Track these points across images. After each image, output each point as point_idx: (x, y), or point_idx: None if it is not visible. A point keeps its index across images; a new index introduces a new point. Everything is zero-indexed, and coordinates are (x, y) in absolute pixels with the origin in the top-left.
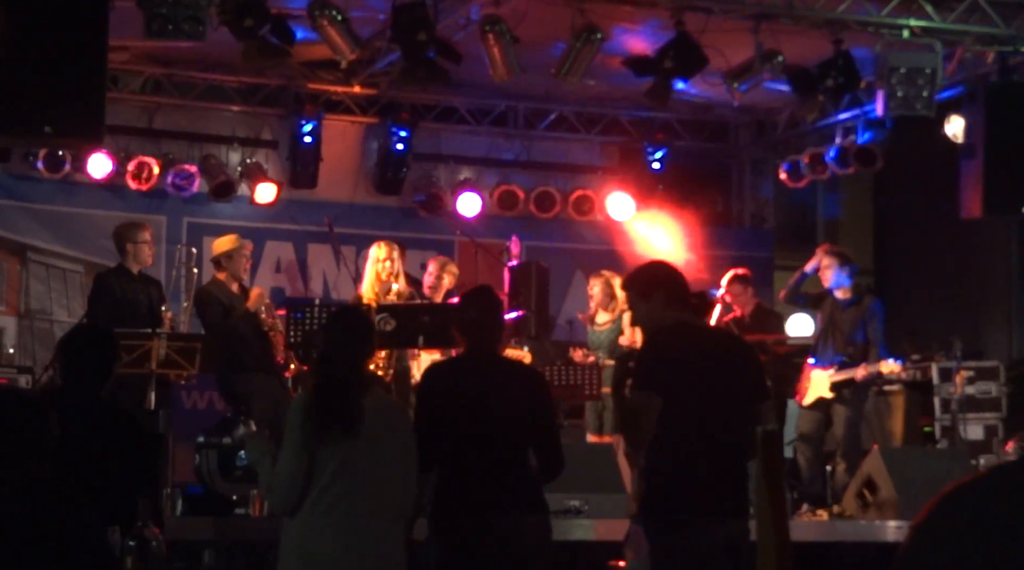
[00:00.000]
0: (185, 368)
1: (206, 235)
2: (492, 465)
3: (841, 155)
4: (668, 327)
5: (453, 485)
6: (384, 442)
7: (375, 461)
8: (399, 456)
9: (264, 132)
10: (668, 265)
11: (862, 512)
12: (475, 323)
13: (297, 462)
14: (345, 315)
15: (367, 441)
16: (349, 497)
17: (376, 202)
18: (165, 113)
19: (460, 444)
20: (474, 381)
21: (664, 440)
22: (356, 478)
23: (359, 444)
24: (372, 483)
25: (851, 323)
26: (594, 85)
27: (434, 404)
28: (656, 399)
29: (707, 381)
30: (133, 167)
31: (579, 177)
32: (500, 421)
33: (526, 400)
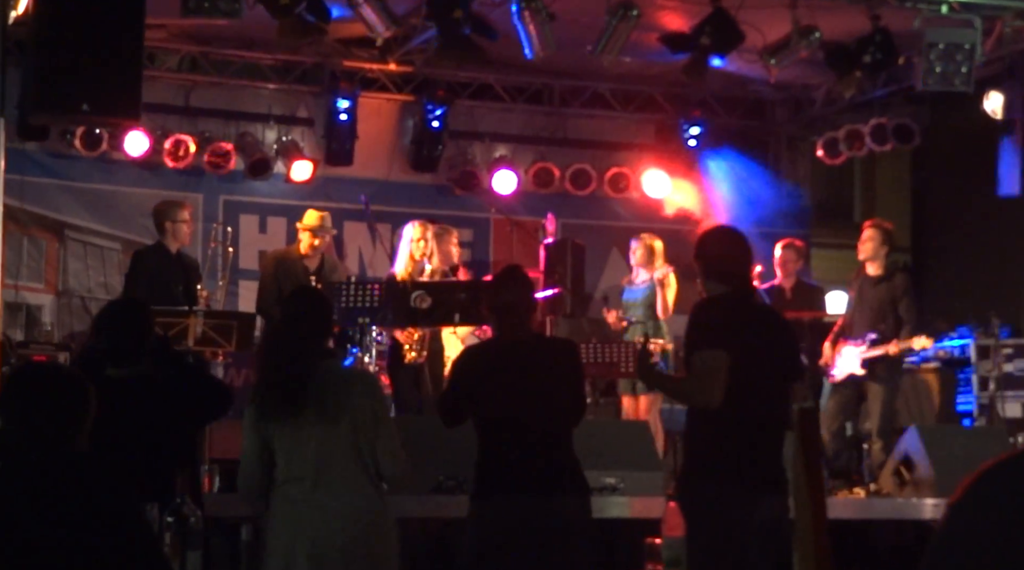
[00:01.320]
0: (222, 346)
1: (242, 213)
2: (530, 447)
3: (878, 132)
4: (719, 296)
5: (492, 467)
6: (339, 413)
7: (330, 434)
8: (363, 425)
9: (300, 110)
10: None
11: (899, 490)
12: (507, 308)
13: (249, 445)
14: (295, 296)
15: (317, 415)
16: (310, 475)
17: (412, 180)
18: (201, 91)
19: (497, 428)
20: (508, 365)
21: (705, 413)
22: (311, 454)
23: (309, 419)
24: (332, 458)
25: (881, 300)
26: (630, 62)
27: (467, 378)
28: (725, 356)
29: (755, 353)
30: (169, 145)
31: (615, 154)
32: (536, 403)
33: (560, 376)
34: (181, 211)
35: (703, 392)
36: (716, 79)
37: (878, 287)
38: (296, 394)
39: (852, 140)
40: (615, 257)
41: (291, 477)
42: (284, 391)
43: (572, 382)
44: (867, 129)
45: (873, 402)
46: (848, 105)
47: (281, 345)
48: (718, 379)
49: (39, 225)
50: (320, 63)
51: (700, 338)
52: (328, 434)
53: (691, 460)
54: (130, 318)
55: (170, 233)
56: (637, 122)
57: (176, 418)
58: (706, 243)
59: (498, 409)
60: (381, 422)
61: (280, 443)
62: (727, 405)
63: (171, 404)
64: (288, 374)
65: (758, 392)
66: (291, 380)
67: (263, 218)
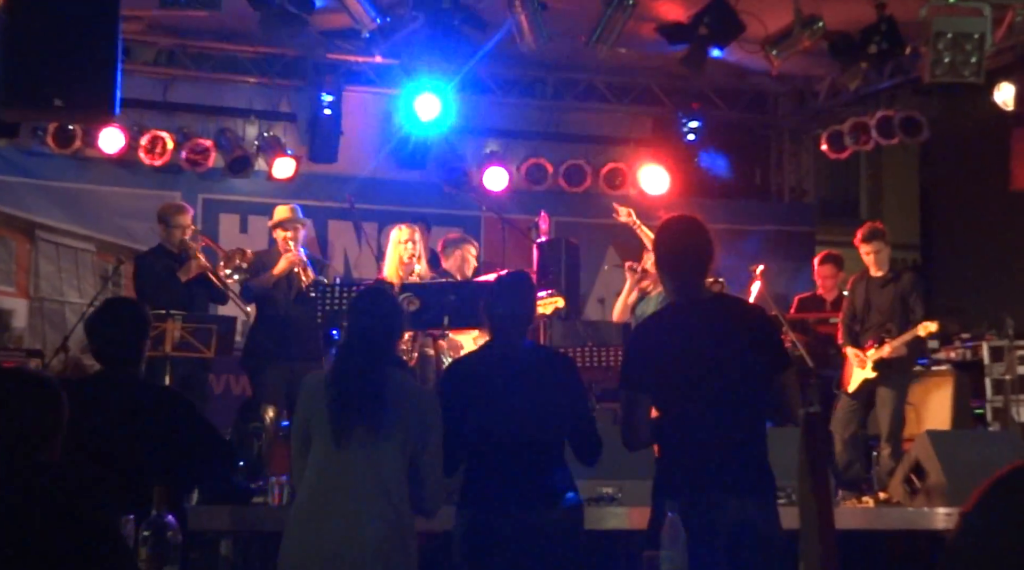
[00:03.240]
0: (201, 351)
1: (222, 212)
2: (521, 461)
3: (885, 125)
4: (656, 313)
5: (480, 480)
6: (393, 431)
7: (378, 453)
8: (413, 448)
9: (282, 105)
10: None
11: (910, 499)
12: (507, 316)
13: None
14: (365, 296)
15: (370, 430)
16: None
17: (399, 177)
18: (179, 85)
19: (487, 440)
20: (499, 375)
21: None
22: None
23: (359, 433)
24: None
25: (890, 301)
26: (626, 53)
27: (458, 405)
28: (644, 399)
29: (703, 363)
30: (146, 142)
31: (610, 149)
32: (529, 415)
33: (555, 388)
34: (178, 216)
35: (624, 436)
36: (716, 71)
37: (886, 289)
38: (373, 411)
39: (857, 134)
40: (611, 256)
41: (320, 491)
42: (360, 406)
43: (575, 397)
44: (873, 122)
45: (882, 406)
46: (853, 97)
47: (355, 352)
48: (638, 422)
49: (9, 226)
50: (303, 56)
51: (625, 375)
52: (376, 452)
53: (658, 471)
54: (126, 319)
55: (164, 237)
56: (633, 116)
57: (159, 429)
58: (656, 236)
59: (488, 421)
60: (431, 448)
61: (322, 443)
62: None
63: (158, 416)
64: (364, 388)
65: (721, 395)
66: (367, 395)
67: (244, 217)
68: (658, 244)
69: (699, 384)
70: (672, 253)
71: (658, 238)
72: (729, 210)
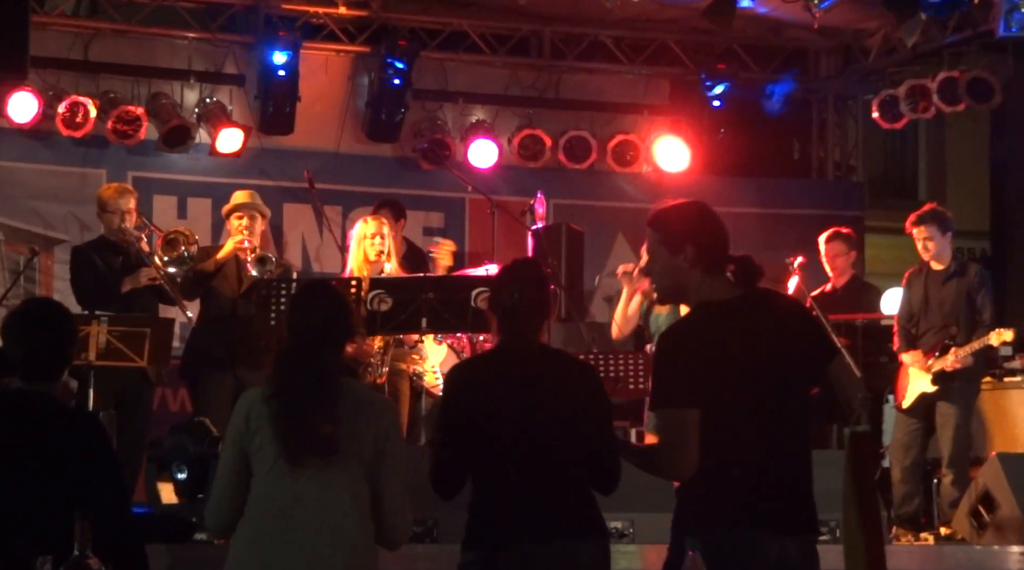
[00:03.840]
0: (131, 359)
1: (156, 193)
2: (536, 483)
3: (949, 88)
4: (685, 318)
5: (490, 508)
6: (348, 445)
7: (332, 470)
8: (371, 465)
9: (227, 65)
10: (707, 213)
11: (977, 535)
12: (513, 309)
13: (229, 465)
14: (313, 295)
15: (338, 456)
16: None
17: (367, 151)
18: (104, 41)
19: (498, 459)
20: (511, 382)
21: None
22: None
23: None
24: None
25: (954, 298)
26: (639, 3)
27: (459, 417)
28: (694, 414)
29: (749, 371)
30: (64, 109)
31: (620, 119)
32: (543, 430)
33: (575, 401)
34: (116, 199)
35: (672, 464)
36: (746, 25)
37: (947, 284)
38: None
39: (916, 99)
40: (620, 246)
41: (268, 512)
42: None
43: (597, 414)
44: (935, 85)
45: (943, 425)
46: (911, 56)
47: (298, 358)
48: (687, 445)
49: None
50: (253, 6)
51: (665, 391)
52: (331, 474)
53: (681, 502)
54: (50, 324)
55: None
56: (647, 78)
57: (83, 454)
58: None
59: (499, 436)
60: (394, 468)
61: (264, 468)
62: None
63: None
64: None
65: (756, 413)
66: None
67: (182, 199)
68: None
69: (745, 397)
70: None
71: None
72: (762, 191)
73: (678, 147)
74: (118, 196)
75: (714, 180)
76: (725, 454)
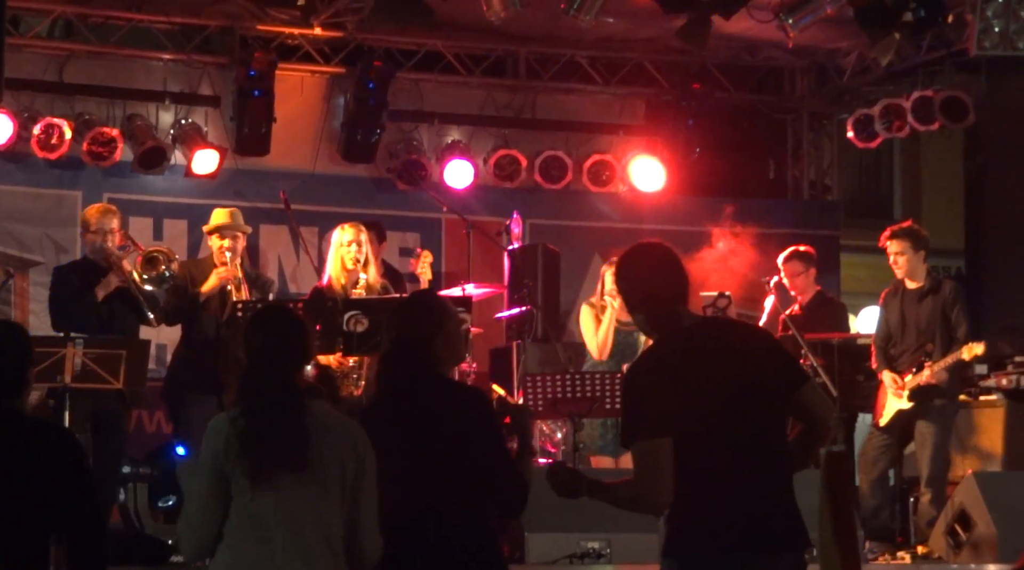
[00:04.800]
0: (107, 381)
1: (132, 214)
2: (434, 516)
3: (923, 107)
4: (649, 350)
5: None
6: (318, 470)
7: (303, 495)
8: (345, 489)
9: (203, 86)
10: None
11: (953, 554)
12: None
13: (205, 489)
14: (265, 319)
15: (310, 473)
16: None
17: (343, 172)
18: (78, 63)
19: (402, 492)
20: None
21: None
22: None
23: (301, 478)
24: (300, 525)
25: (929, 316)
26: (614, 23)
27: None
28: (667, 443)
29: (719, 397)
30: (39, 131)
31: (595, 139)
32: (436, 460)
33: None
34: (99, 219)
35: (649, 496)
36: (720, 45)
37: (923, 302)
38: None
39: (890, 118)
40: (596, 266)
41: (250, 536)
42: (272, 444)
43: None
44: (909, 104)
45: (921, 444)
46: (885, 75)
47: (262, 380)
48: (662, 475)
49: None
50: (228, 27)
51: (636, 424)
52: (306, 498)
53: (674, 516)
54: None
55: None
56: (623, 98)
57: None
58: (619, 268)
59: (401, 469)
60: (367, 490)
61: (244, 496)
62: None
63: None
64: (277, 420)
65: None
66: (288, 430)
67: (158, 221)
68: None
69: (715, 421)
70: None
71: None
72: (738, 210)
73: (654, 167)
74: (101, 216)
75: (690, 200)
76: (701, 479)
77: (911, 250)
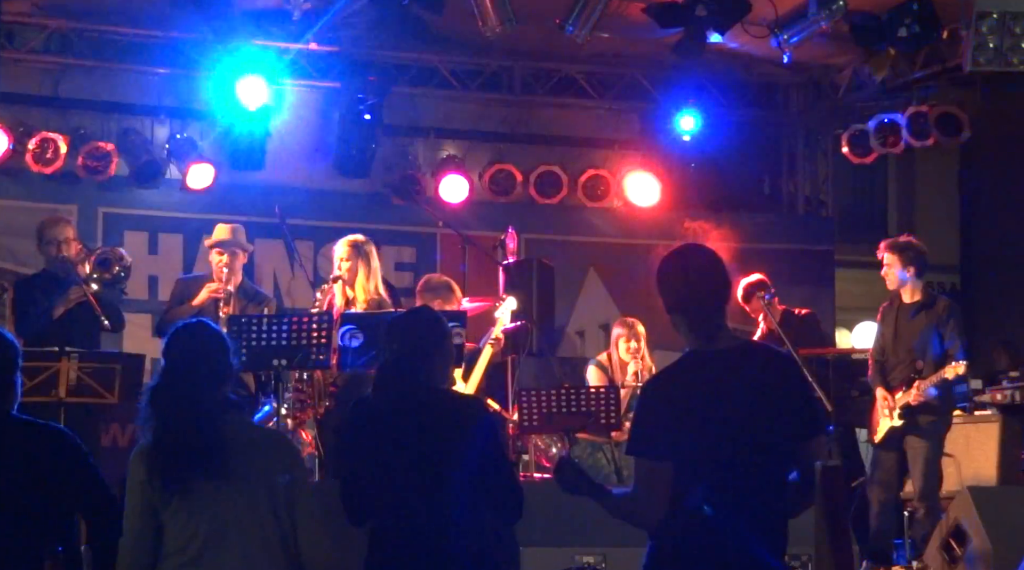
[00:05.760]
0: (102, 395)
1: (127, 229)
2: (427, 519)
3: (918, 123)
4: (670, 367)
5: (384, 545)
6: (242, 483)
7: (228, 510)
8: (277, 502)
9: (197, 101)
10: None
11: (948, 568)
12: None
13: (134, 517)
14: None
15: (235, 487)
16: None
17: (338, 186)
18: (74, 77)
19: (380, 510)
20: (400, 422)
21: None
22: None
23: (224, 492)
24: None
25: (921, 332)
26: (609, 39)
27: (358, 448)
28: (667, 468)
29: (726, 428)
30: (34, 145)
31: (590, 153)
32: (431, 466)
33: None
34: (52, 229)
35: (640, 512)
36: (716, 60)
37: (916, 318)
38: (204, 457)
39: (885, 134)
40: (592, 280)
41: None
42: (184, 454)
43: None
44: (904, 120)
45: (914, 459)
46: (880, 90)
47: (172, 395)
48: (656, 496)
49: None
50: (222, 42)
51: (642, 441)
52: (226, 509)
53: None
54: None
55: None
56: (618, 114)
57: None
58: (663, 268)
59: (377, 485)
60: (300, 502)
61: (169, 517)
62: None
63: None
64: (187, 432)
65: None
66: (193, 439)
67: (153, 235)
68: (669, 279)
69: (717, 452)
70: (689, 288)
71: (668, 272)
72: (732, 225)
73: (649, 182)
74: (52, 226)
75: (684, 214)
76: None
77: (898, 264)
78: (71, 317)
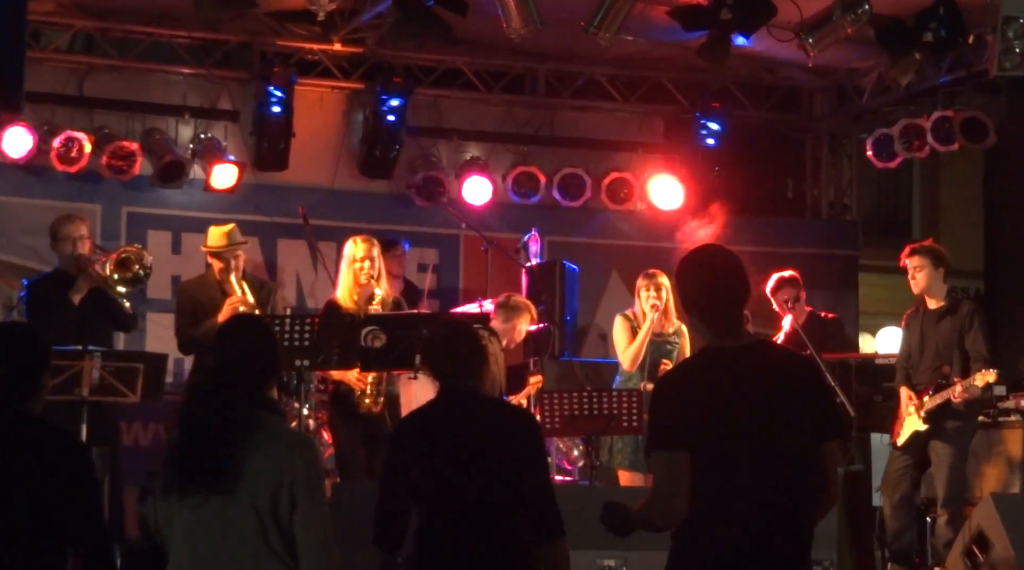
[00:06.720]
0: (124, 394)
1: (151, 228)
2: (471, 535)
3: (943, 128)
4: (684, 363)
5: (427, 561)
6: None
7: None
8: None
9: (222, 100)
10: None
11: None
12: (446, 357)
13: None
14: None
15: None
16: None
17: (361, 187)
18: (98, 77)
19: (433, 511)
20: (449, 434)
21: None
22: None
23: (232, 503)
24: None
25: (946, 337)
26: (633, 42)
27: (402, 468)
28: (684, 458)
29: (743, 424)
30: (59, 144)
31: (614, 156)
32: (479, 481)
33: (510, 453)
34: (66, 226)
35: (663, 511)
36: (740, 64)
37: (941, 323)
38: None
39: (910, 138)
40: (615, 283)
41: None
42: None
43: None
44: (928, 125)
45: (938, 464)
46: (905, 95)
47: (201, 395)
48: (677, 490)
49: None
50: (247, 43)
51: (656, 434)
52: (234, 513)
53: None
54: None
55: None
56: (642, 116)
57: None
58: (681, 268)
59: (436, 485)
60: (311, 503)
61: (181, 519)
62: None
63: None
64: (205, 431)
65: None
66: (209, 439)
67: (176, 235)
68: (686, 279)
69: (735, 446)
70: (706, 288)
71: (685, 272)
72: (756, 229)
73: (672, 185)
74: (66, 223)
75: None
76: (712, 504)
77: (930, 266)
78: (88, 317)
